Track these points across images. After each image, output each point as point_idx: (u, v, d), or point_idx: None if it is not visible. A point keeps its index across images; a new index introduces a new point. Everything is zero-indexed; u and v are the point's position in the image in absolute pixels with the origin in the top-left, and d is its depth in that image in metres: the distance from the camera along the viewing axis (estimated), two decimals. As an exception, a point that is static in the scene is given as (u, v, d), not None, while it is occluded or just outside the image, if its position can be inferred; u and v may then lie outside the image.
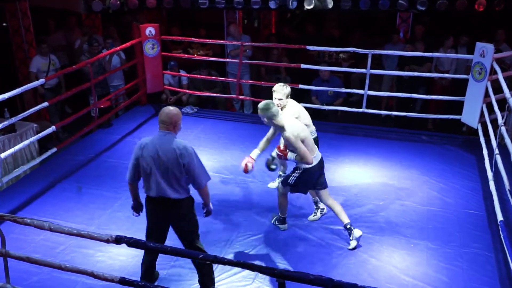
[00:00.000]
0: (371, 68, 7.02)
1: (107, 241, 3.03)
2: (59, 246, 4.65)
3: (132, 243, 3.00)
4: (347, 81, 8.74)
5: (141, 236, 3.83)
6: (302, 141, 4.41)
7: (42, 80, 6.32)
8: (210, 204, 3.97)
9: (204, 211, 3.99)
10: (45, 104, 6.22)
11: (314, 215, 5.15)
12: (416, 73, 7.23)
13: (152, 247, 2.89)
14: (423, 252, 4.61)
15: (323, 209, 5.18)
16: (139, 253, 4.36)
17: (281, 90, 4.99)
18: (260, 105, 4.46)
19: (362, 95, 7.20)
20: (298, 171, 4.60)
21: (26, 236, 4.75)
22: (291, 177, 4.64)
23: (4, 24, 9.18)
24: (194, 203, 3.90)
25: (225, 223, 5.07)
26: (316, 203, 5.16)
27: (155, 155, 3.63)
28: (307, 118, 5.17)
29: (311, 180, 4.64)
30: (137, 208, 4.09)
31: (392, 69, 8.05)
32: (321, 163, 4.65)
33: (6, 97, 5.32)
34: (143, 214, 3.99)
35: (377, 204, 5.39)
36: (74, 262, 4.26)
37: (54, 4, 9.18)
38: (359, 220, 5.09)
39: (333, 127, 7.46)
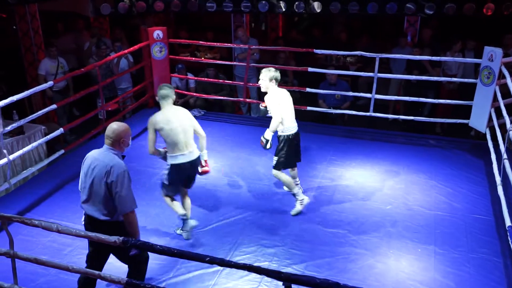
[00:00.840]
0: (379, 71, 7.01)
1: (114, 243, 3.04)
2: (66, 248, 4.67)
3: (138, 245, 3.01)
4: (354, 85, 8.74)
5: (147, 239, 3.84)
6: (159, 130, 4.61)
7: (50, 83, 6.35)
8: (137, 236, 3.55)
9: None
10: (53, 106, 6.26)
11: (296, 208, 5.26)
12: (423, 77, 7.20)
13: (158, 249, 2.90)
14: (430, 257, 4.58)
15: (303, 199, 5.25)
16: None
17: (264, 72, 5.17)
18: None
19: (369, 98, 7.18)
20: (167, 168, 4.70)
21: (34, 237, 4.78)
22: (164, 177, 4.74)
23: (14, 27, 9.27)
24: (122, 229, 3.56)
25: (231, 226, 5.06)
26: (294, 195, 5.25)
27: (90, 169, 3.53)
28: (289, 111, 5.19)
29: (181, 177, 4.70)
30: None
31: (399, 73, 8.03)
32: (192, 163, 4.68)
33: (15, 99, 5.36)
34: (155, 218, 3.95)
35: (384, 208, 5.37)
36: (81, 263, 4.26)
37: (63, 7, 9.24)
38: (366, 224, 5.08)
39: (340, 131, 7.46)
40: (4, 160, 5.32)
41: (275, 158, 5.21)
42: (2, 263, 4.14)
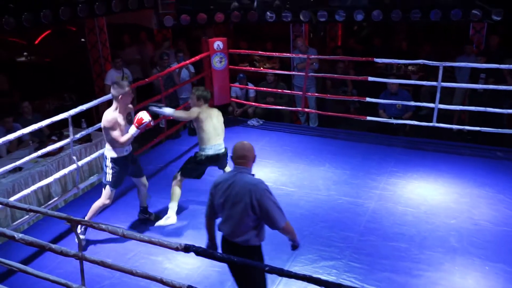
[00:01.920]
0: (443, 80, 6.78)
1: (177, 249, 3.10)
2: (130, 253, 4.82)
3: (200, 252, 3.05)
4: (416, 94, 8.50)
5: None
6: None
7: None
8: (297, 239, 3.68)
9: (290, 244, 3.75)
10: (119, 115, 6.49)
11: (161, 220, 5.17)
12: (491, 86, 6.89)
13: (219, 256, 2.93)
14: (498, 276, 4.35)
15: (169, 217, 5.14)
16: (205, 263, 4.45)
17: (193, 90, 5.33)
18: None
19: (432, 108, 6.96)
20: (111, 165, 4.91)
21: (99, 241, 4.98)
22: (107, 175, 4.92)
23: (82, 40, 9.77)
24: (259, 255, 3.56)
25: (289, 236, 5.03)
26: (169, 208, 5.19)
27: (228, 193, 3.41)
28: (211, 131, 5.23)
29: (125, 172, 5.03)
30: (210, 248, 3.72)
31: (464, 81, 7.73)
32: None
33: (84, 108, 5.64)
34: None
35: (448, 223, 5.16)
36: (143, 268, 4.38)
37: (128, 20, 9.64)
38: (429, 238, 4.91)
39: (401, 142, 7.27)
40: (74, 166, 5.60)
41: (184, 165, 5.33)
42: (71, 264, 4.35)
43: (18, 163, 5.25)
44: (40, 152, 5.39)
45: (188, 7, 8.66)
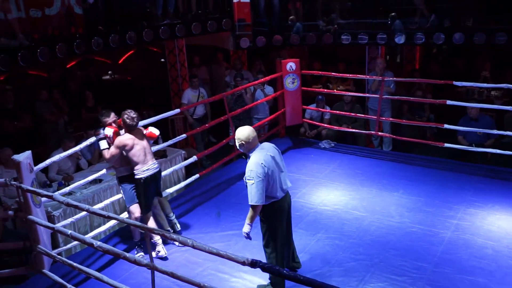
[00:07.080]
0: (530, 107, 6.37)
1: (243, 263, 3.10)
2: (198, 268, 4.88)
3: (266, 268, 3.03)
4: (500, 121, 8.04)
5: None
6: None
7: (177, 110, 6.66)
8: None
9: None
10: (183, 136, 6.57)
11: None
12: None
13: (285, 274, 2.89)
14: None
15: (159, 252, 5.15)
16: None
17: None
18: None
19: (517, 136, 6.55)
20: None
21: (169, 254, 5.11)
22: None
23: (162, 60, 10.21)
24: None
25: (358, 262, 4.88)
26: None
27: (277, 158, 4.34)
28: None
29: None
30: None
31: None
32: None
33: (145, 122, 5.83)
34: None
35: (534, 259, 4.79)
36: (210, 284, 4.41)
37: (206, 41, 9.97)
38: (511, 275, 4.56)
39: (482, 170, 6.87)
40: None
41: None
42: (141, 275, 4.49)
43: (97, 175, 5.52)
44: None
45: (265, 29, 8.82)
